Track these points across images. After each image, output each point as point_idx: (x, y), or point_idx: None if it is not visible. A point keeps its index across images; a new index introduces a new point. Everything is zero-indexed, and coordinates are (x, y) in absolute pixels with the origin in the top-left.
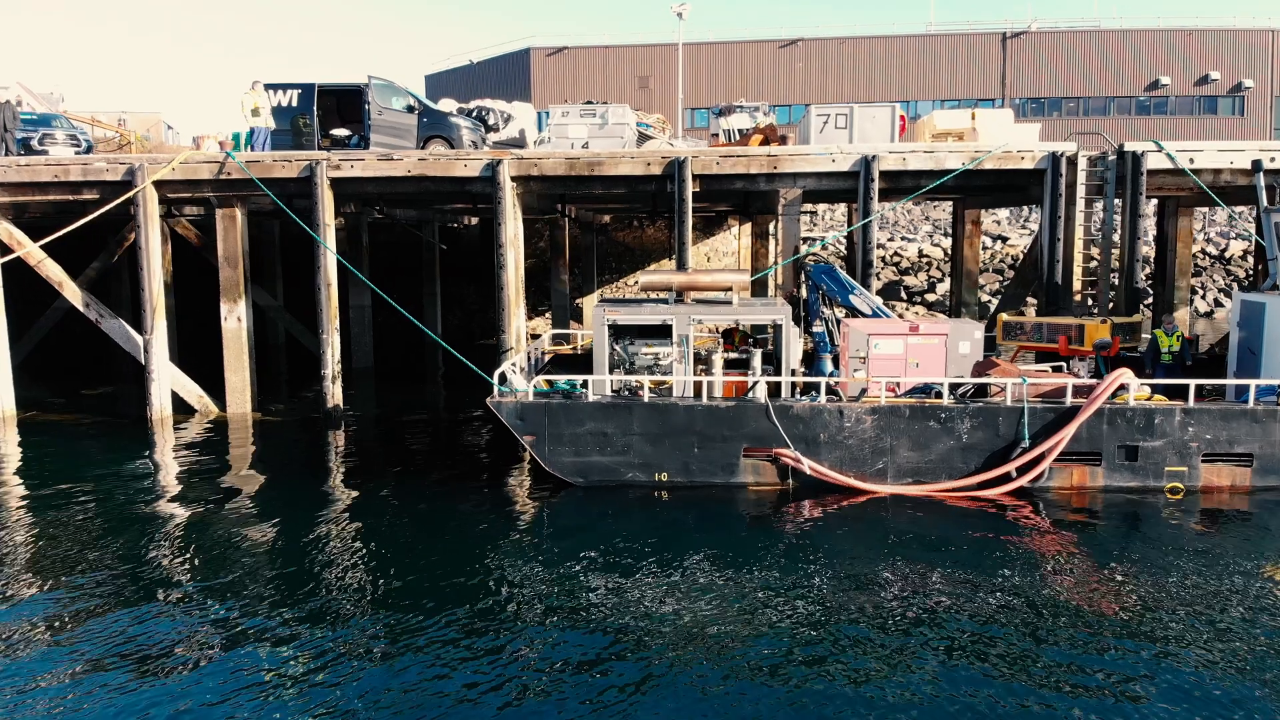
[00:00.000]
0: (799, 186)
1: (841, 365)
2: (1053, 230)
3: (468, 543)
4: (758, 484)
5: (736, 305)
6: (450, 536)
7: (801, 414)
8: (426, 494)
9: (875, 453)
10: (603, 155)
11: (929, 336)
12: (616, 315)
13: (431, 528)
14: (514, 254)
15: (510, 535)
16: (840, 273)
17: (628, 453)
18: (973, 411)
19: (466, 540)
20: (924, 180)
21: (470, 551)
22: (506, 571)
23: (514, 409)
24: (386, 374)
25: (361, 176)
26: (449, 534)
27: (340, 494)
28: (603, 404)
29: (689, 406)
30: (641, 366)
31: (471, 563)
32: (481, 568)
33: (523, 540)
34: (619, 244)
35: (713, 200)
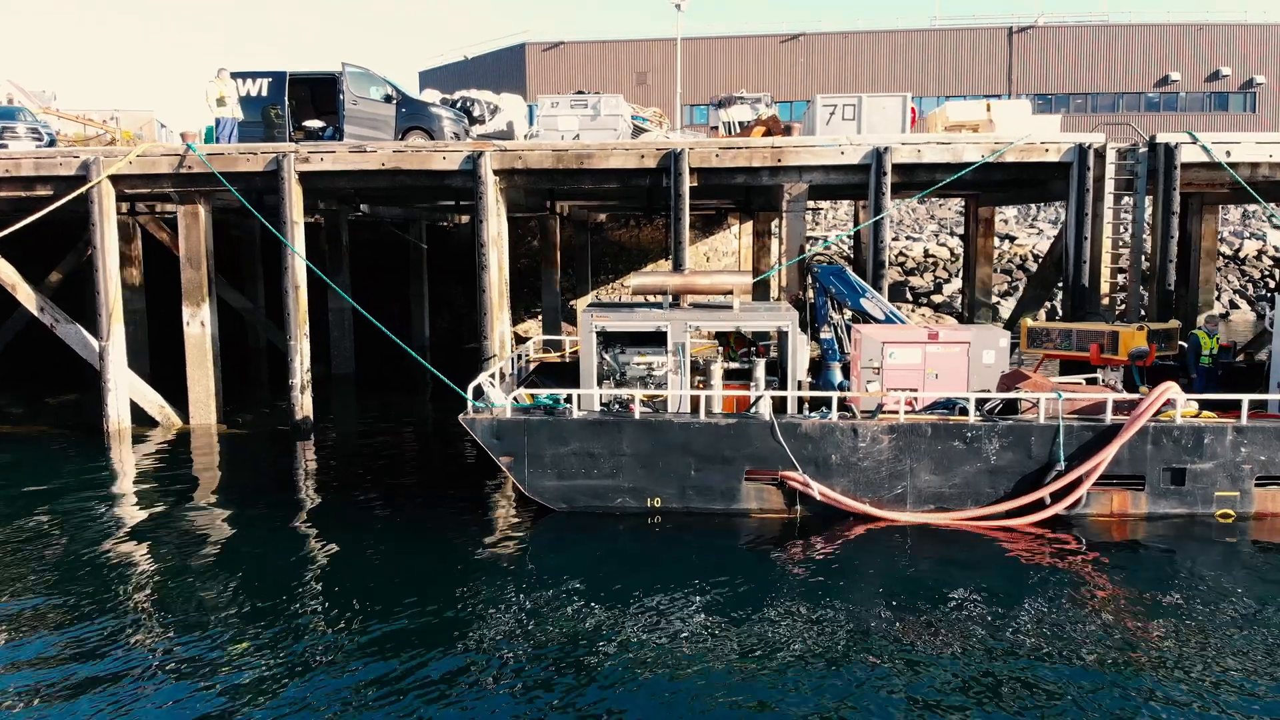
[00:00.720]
0: (805, 181)
1: (852, 376)
2: (1079, 228)
3: (436, 577)
4: (762, 511)
5: (738, 310)
6: (417, 570)
7: (811, 433)
8: (395, 520)
9: (893, 476)
10: (592, 147)
11: (950, 345)
12: (605, 321)
13: (396, 560)
14: (497, 254)
15: (483, 570)
16: (850, 274)
17: (617, 476)
18: (1002, 430)
19: (435, 575)
20: (940, 174)
21: (438, 588)
22: (477, 611)
23: (489, 427)
24: (368, 381)
25: (332, 170)
26: (416, 568)
27: (299, 519)
28: (588, 421)
29: (685, 424)
30: (633, 378)
31: (438, 601)
32: (450, 606)
33: (497, 575)
34: (614, 244)
35: (712, 196)
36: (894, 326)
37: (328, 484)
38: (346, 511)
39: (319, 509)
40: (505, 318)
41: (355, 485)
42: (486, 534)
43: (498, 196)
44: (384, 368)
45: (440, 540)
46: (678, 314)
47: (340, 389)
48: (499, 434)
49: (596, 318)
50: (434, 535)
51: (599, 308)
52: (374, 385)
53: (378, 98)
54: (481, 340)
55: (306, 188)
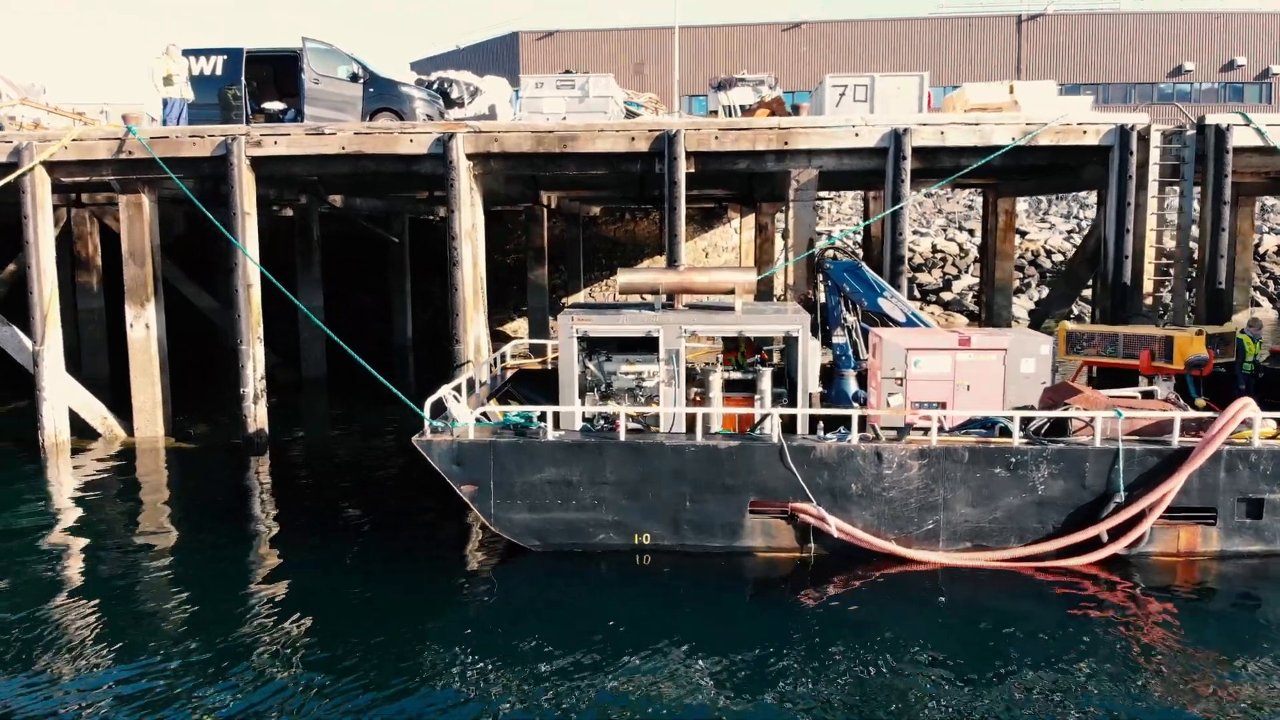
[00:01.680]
0: (814, 166)
1: (870, 387)
2: (1120, 220)
3: (385, 627)
4: (769, 549)
5: (740, 312)
6: (364, 619)
7: (827, 458)
8: (347, 553)
9: (924, 509)
10: (577, 128)
11: (984, 352)
12: (588, 325)
13: (342, 601)
14: (471, 248)
15: (442, 619)
16: (867, 271)
17: (598, 508)
18: (1052, 455)
19: (384, 624)
20: (965, 159)
21: (390, 639)
22: (430, 673)
23: (448, 451)
24: (343, 385)
25: (287, 155)
26: (362, 617)
27: (238, 552)
28: (565, 444)
29: (679, 447)
30: (620, 390)
31: (390, 654)
32: (401, 660)
33: (458, 626)
34: (608, 239)
35: (710, 185)
36: (917, 330)
37: (276, 509)
38: (291, 546)
39: (261, 541)
40: (481, 319)
41: (307, 511)
42: (449, 575)
43: (472, 184)
44: (359, 370)
45: (395, 580)
46: (671, 316)
47: (311, 394)
48: (460, 459)
49: (578, 321)
50: (388, 575)
51: (581, 309)
52: (348, 390)
53: (343, 76)
54: (453, 344)
55: (260, 174)
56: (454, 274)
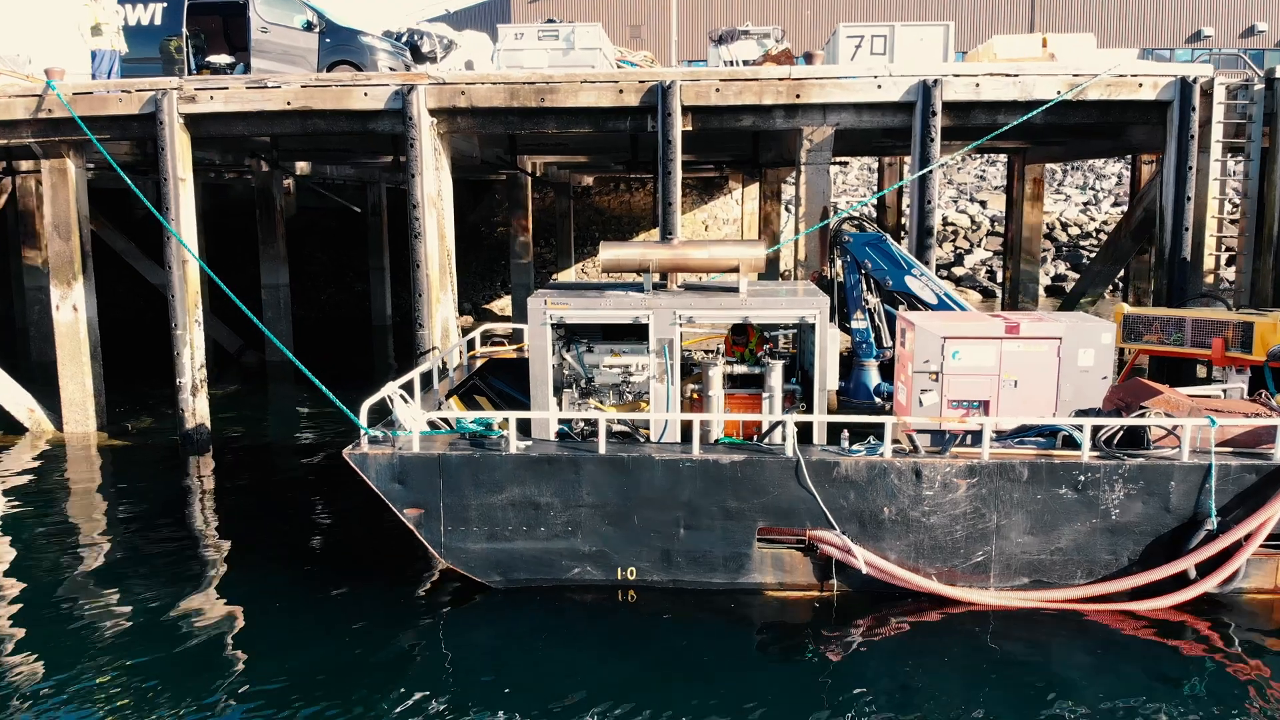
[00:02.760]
0: (829, 124)
1: (899, 382)
2: (1180, 187)
3: (309, 682)
4: (781, 586)
5: (745, 294)
6: (291, 666)
7: (854, 475)
8: (279, 580)
9: (972, 538)
10: (557, 79)
11: (1036, 341)
12: (564, 309)
13: (265, 645)
14: (437, 217)
15: (380, 670)
16: (892, 244)
17: (573, 535)
18: (1130, 473)
19: (310, 677)
20: (1003, 116)
21: (313, 698)
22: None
23: (388, 467)
24: (312, 369)
25: (225, 112)
26: (288, 663)
27: (157, 572)
28: (532, 457)
29: (672, 461)
30: (604, 386)
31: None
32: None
33: (395, 680)
34: (601, 211)
35: (710, 149)
36: (954, 315)
37: (202, 524)
38: (210, 570)
39: (175, 565)
40: (449, 300)
41: (239, 528)
42: (394, 614)
43: (437, 144)
44: (335, 351)
45: (329, 619)
46: (664, 299)
47: (277, 379)
48: (402, 476)
49: (551, 304)
50: (321, 612)
51: (556, 290)
52: (317, 374)
53: (296, 25)
54: (415, 329)
55: (197, 135)
56: (416, 248)
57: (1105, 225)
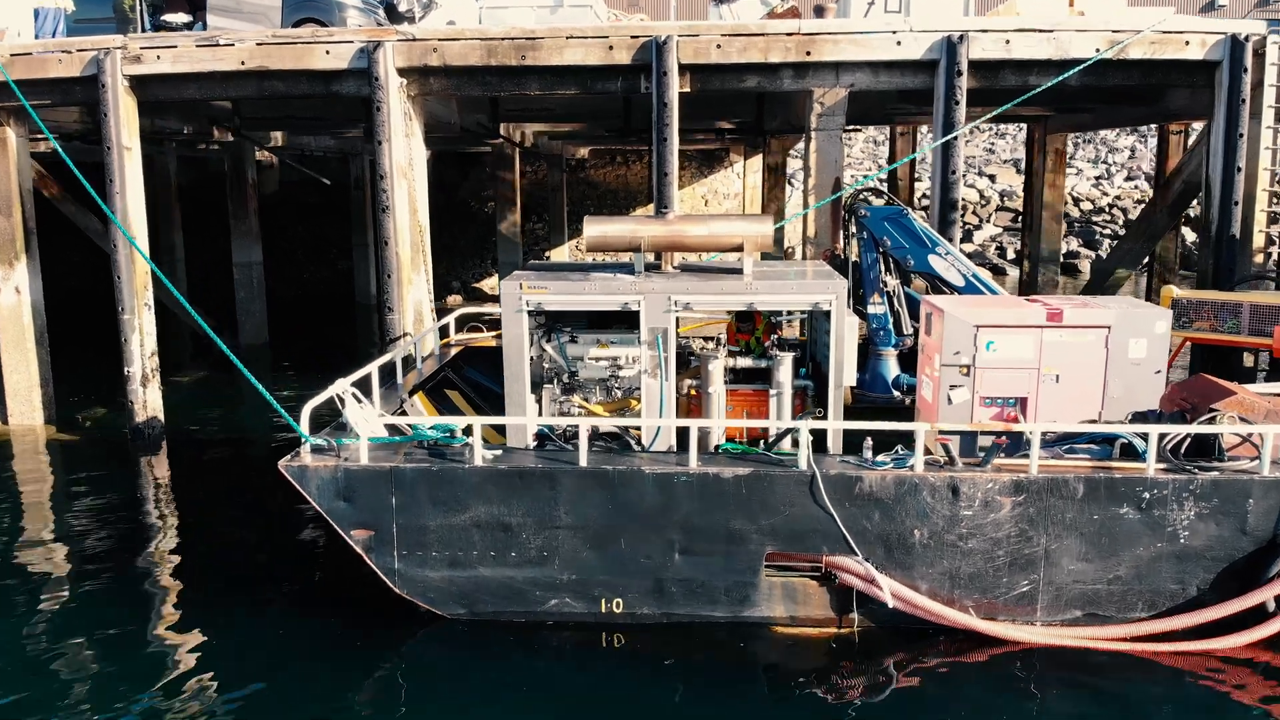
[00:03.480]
0: (843, 85)
1: (923, 376)
2: (1229, 157)
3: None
4: (793, 621)
5: (751, 276)
6: (219, 709)
7: (879, 491)
8: (216, 605)
9: (1017, 566)
10: (540, 33)
11: (1081, 330)
12: (543, 294)
13: (193, 680)
14: (407, 189)
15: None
16: (914, 219)
17: (549, 562)
18: (1202, 488)
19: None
20: (1035, 76)
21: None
22: None
23: (331, 481)
24: (287, 353)
25: (174, 73)
26: (215, 705)
27: (82, 594)
28: (500, 470)
29: (665, 475)
30: (589, 381)
31: None
32: None
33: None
34: (597, 184)
35: (710, 113)
36: (986, 300)
37: (146, 535)
38: (143, 589)
39: (110, 584)
40: (422, 281)
41: (183, 538)
42: (341, 652)
43: (408, 108)
44: (309, 334)
45: (269, 653)
46: (657, 282)
47: (254, 365)
48: (347, 492)
49: (528, 288)
50: (260, 644)
51: (534, 272)
52: (293, 358)
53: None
54: (384, 313)
55: (145, 99)
56: (384, 223)
57: (1118, 200)
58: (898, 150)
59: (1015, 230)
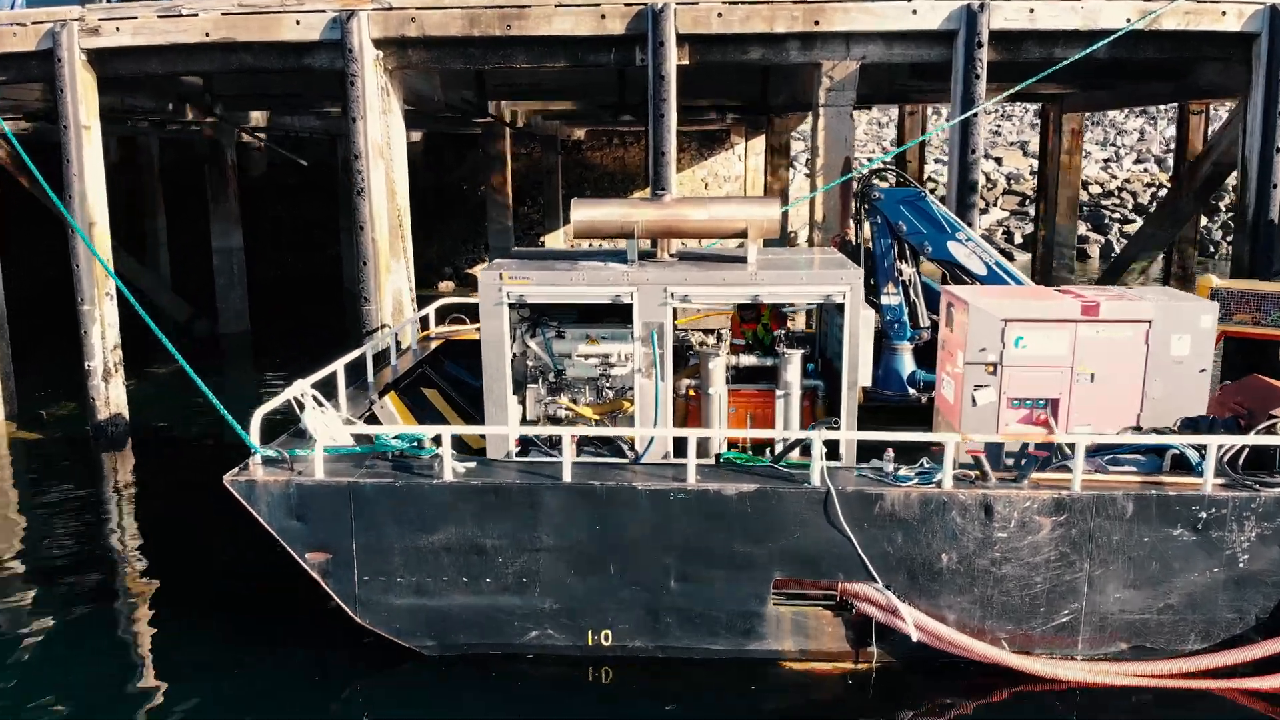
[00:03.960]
0: (853, 58)
1: (944, 374)
2: (1267, 136)
3: None
4: (805, 656)
5: (755, 266)
6: None
7: (903, 511)
8: (168, 627)
9: (1055, 594)
10: (527, 1)
11: (1119, 325)
12: (525, 285)
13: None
14: (384, 171)
15: None
16: (932, 202)
17: (530, 589)
18: (1265, 506)
19: None
20: (1060, 48)
21: None
22: None
23: (282, 498)
24: (269, 340)
25: (135, 46)
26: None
27: (24, 610)
28: (472, 486)
29: (660, 492)
30: (578, 381)
31: None
32: None
33: None
34: (593, 167)
35: (710, 89)
36: (1012, 291)
37: (100, 544)
38: (92, 605)
39: (56, 599)
40: (403, 269)
41: (139, 548)
42: (298, 690)
43: (386, 83)
44: (294, 322)
45: (218, 685)
46: (652, 272)
47: (234, 354)
48: (301, 510)
49: (509, 279)
50: (209, 676)
51: (516, 260)
52: (275, 346)
53: None
54: (361, 303)
55: (102, 74)
56: (359, 206)
57: (1128, 183)
58: (906, 131)
59: (1022, 214)
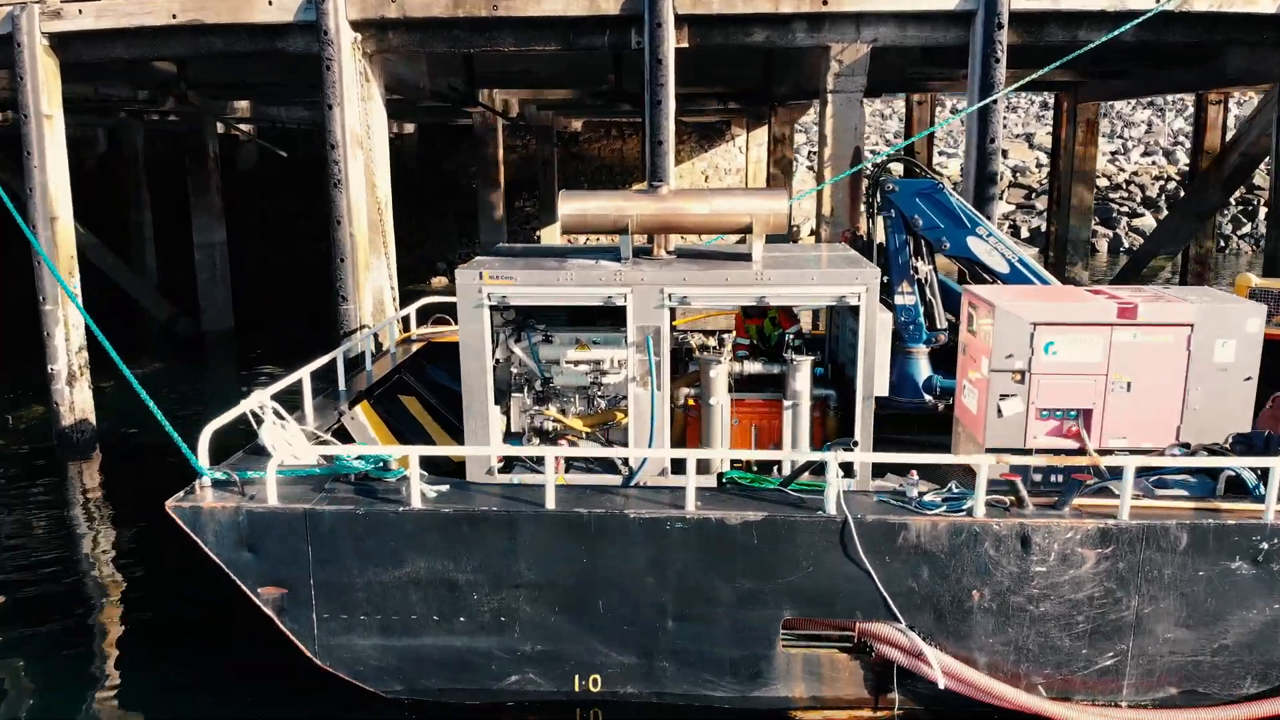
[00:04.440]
0: (864, 40)
1: (966, 381)
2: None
3: None
4: (818, 704)
5: (761, 265)
6: None
7: (929, 542)
8: (121, 658)
9: (1099, 634)
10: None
11: (1158, 329)
12: (508, 285)
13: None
14: (363, 162)
15: None
16: (950, 195)
17: (507, 628)
18: None
19: None
20: (1085, 30)
21: None
22: None
23: (230, 527)
24: (254, 339)
25: (98, 29)
26: None
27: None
28: (444, 514)
29: (656, 521)
30: (567, 390)
31: None
32: None
33: None
34: (591, 160)
35: (710, 75)
36: (1039, 292)
37: (54, 562)
38: (42, 628)
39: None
40: (384, 266)
41: (97, 568)
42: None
43: (365, 68)
44: (282, 319)
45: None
46: (647, 271)
47: (216, 352)
48: (252, 540)
49: (490, 278)
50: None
51: (498, 258)
52: (260, 345)
53: None
54: (338, 304)
55: (66, 60)
56: (335, 200)
57: (1136, 176)
58: (914, 122)
59: (1028, 208)
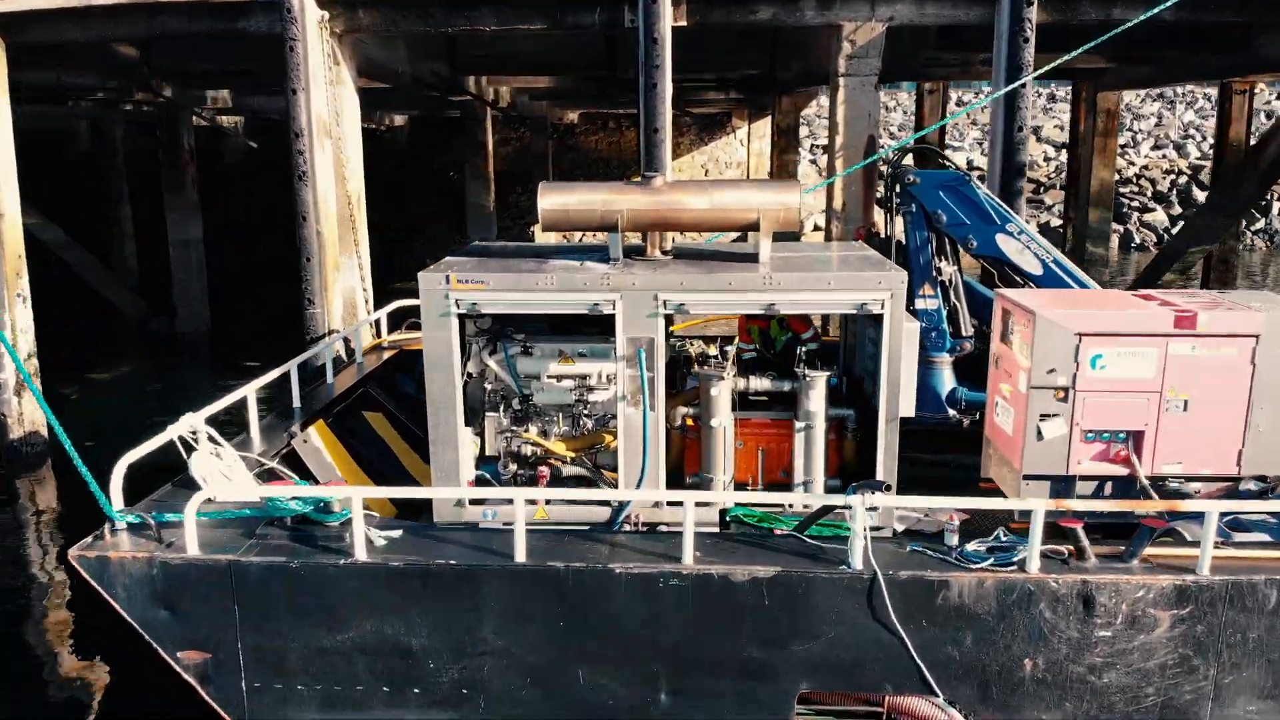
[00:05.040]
0: (879, 19)
1: (999, 396)
2: None
3: None
4: None
5: (768, 266)
6: None
7: (973, 602)
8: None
9: (1170, 708)
10: None
11: (1219, 340)
12: (479, 290)
13: None
14: (332, 152)
15: None
16: (978, 188)
17: (469, 702)
18: None
19: None
20: (1120, 9)
21: None
22: None
23: (143, 581)
24: (229, 342)
25: (48, 9)
26: None
27: None
28: (393, 568)
29: (647, 577)
30: (549, 408)
31: None
32: None
33: None
34: (587, 152)
35: (710, 59)
36: (1078, 295)
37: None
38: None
39: None
40: (355, 266)
41: (41, 603)
42: None
43: (334, 50)
44: (257, 316)
45: None
46: (640, 274)
47: (191, 356)
48: (170, 597)
49: (459, 283)
50: None
51: (470, 259)
52: (236, 347)
53: None
54: (305, 307)
55: (16, 42)
56: (301, 194)
57: (1146, 170)
58: (926, 112)
59: (1037, 202)
